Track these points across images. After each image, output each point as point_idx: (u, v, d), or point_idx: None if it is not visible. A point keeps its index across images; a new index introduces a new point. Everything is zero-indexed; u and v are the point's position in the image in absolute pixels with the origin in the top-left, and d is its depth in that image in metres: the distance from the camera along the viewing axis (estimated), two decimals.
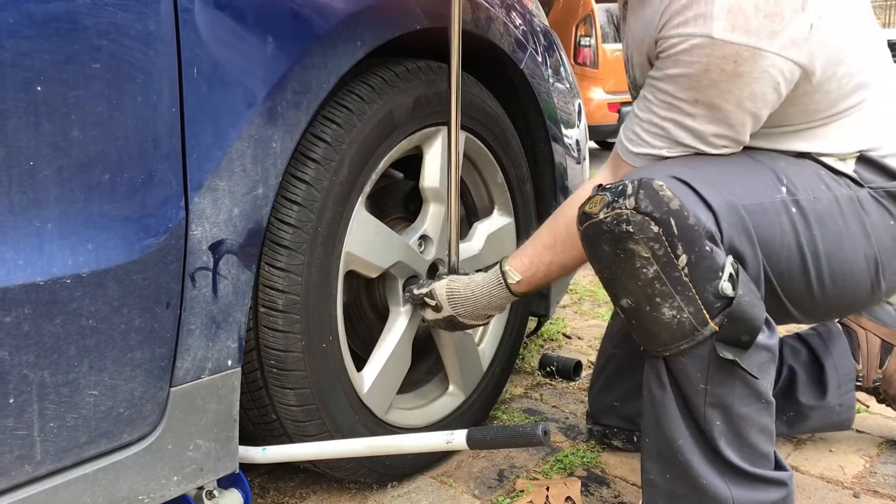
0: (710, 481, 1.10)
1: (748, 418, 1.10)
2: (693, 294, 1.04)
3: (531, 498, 1.37)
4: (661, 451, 1.14)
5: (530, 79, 1.60)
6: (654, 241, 1.03)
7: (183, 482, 1.04)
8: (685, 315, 1.05)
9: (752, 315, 1.05)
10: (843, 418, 1.52)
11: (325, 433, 1.24)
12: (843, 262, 1.17)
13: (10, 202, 0.81)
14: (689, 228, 1.03)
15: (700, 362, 1.07)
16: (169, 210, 0.94)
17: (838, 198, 1.18)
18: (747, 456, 1.11)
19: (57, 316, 0.85)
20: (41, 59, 0.81)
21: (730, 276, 1.04)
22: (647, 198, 1.04)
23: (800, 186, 1.16)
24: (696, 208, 1.05)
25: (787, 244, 1.13)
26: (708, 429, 1.10)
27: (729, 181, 1.12)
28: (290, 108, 1.07)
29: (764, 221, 1.11)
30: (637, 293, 1.07)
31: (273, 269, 1.13)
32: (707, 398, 1.08)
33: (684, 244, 1.03)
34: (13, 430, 0.84)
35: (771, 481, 1.13)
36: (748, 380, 1.08)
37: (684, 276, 1.04)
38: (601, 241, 1.07)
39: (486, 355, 1.63)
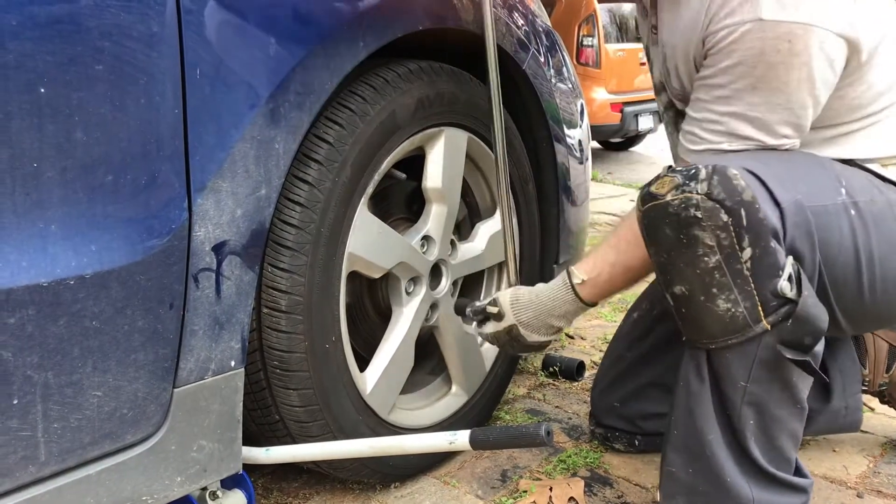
0: (733, 479, 1.10)
1: (781, 421, 1.10)
2: (752, 289, 1.02)
3: (534, 498, 1.37)
4: (689, 444, 1.13)
5: (533, 79, 1.60)
6: (721, 231, 1.01)
7: (186, 483, 1.04)
8: (740, 310, 1.03)
9: (816, 317, 1.04)
10: (849, 420, 1.51)
11: (328, 434, 1.24)
12: (894, 268, 1.16)
13: (13, 203, 0.81)
14: (758, 222, 1.01)
15: (745, 359, 1.05)
16: (172, 211, 0.94)
17: (891, 202, 1.17)
18: (773, 459, 1.11)
19: (60, 317, 0.86)
20: (44, 61, 0.82)
21: (789, 277, 1.03)
22: (720, 185, 1.02)
23: (857, 189, 1.15)
24: (765, 204, 1.03)
25: (845, 248, 1.12)
26: (740, 427, 1.09)
27: (797, 179, 1.10)
28: (293, 109, 1.07)
29: (825, 223, 1.10)
30: (694, 281, 1.04)
31: (276, 269, 1.13)
32: (745, 396, 1.07)
33: (751, 237, 1.01)
34: (17, 431, 0.85)
35: (793, 487, 1.13)
36: (790, 383, 1.08)
37: (746, 269, 1.02)
38: (664, 223, 1.05)
39: (488, 356, 1.63)
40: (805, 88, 1.12)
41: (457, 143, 1.44)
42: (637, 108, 7.04)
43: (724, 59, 1.13)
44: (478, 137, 1.50)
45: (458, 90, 1.41)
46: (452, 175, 1.44)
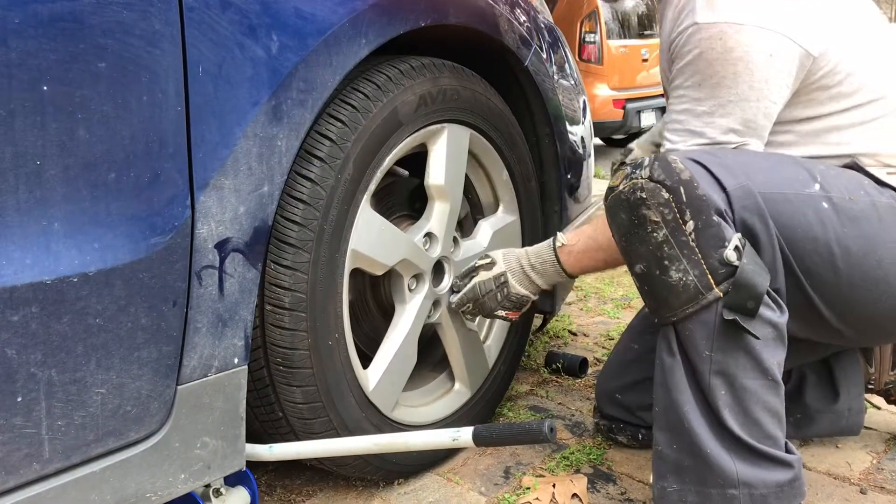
0: (714, 452, 1.12)
1: (753, 392, 1.12)
2: (699, 258, 1.10)
3: (537, 495, 1.37)
4: (669, 419, 1.16)
5: (535, 76, 1.60)
6: (664, 206, 1.10)
7: (190, 480, 1.04)
8: (690, 278, 1.10)
9: (756, 282, 1.09)
10: (851, 423, 1.51)
11: (331, 431, 1.24)
12: (875, 265, 1.18)
13: (17, 201, 0.81)
14: (697, 197, 1.09)
15: (706, 329, 1.11)
16: (175, 209, 0.95)
17: (876, 203, 1.20)
18: (753, 432, 1.12)
19: (64, 315, 0.86)
20: (47, 59, 0.82)
21: (735, 248, 1.09)
22: (660, 168, 1.12)
23: (835, 187, 1.19)
24: (707, 184, 1.11)
25: (813, 236, 1.15)
26: (713, 398, 1.12)
27: (751, 170, 1.15)
28: (296, 106, 1.07)
29: (786, 210, 1.14)
30: (648, 257, 1.13)
31: (279, 266, 1.14)
32: (712, 365, 1.12)
33: (692, 211, 1.09)
34: (22, 429, 0.85)
35: (777, 461, 1.14)
36: (753, 352, 1.11)
37: (691, 241, 1.10)
38: (620, 209, 1.15)
39: (491, 352, 1.63)
40: (744, 82, 1.20)
41: (459, 140, 1.44)
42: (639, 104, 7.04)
43: (679, 60, 1.25)
44: (480, 134, 1.50)
45: (460, 86, 1.41)
46: (455, 172, 1.44)
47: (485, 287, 1.43)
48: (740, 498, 1.12)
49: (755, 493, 1.12)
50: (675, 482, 1.16)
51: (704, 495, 1.13)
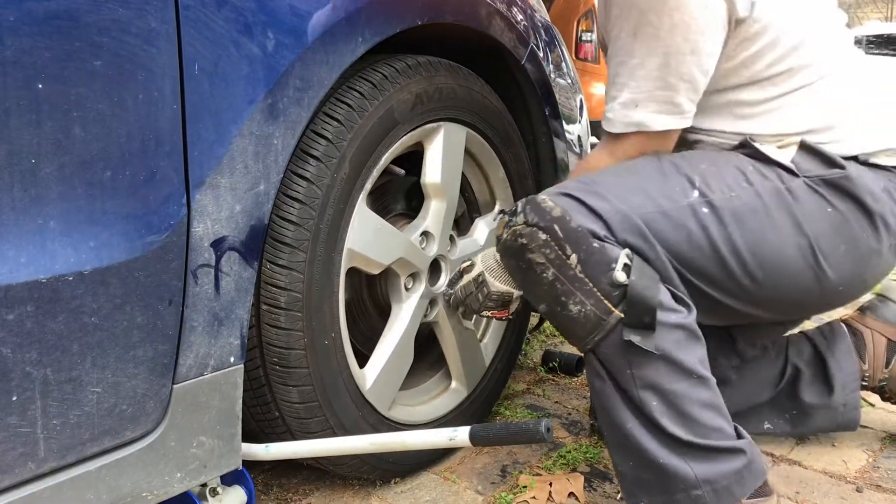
0: (667, 461, 1.13)
1: (684, 395, 1.13)
2: (590, 287, 1.12)
3: (534, 493, 1.37)
4: (618, 440, 1.17)
5: (531, 74, 1.60)
6: (544, 247, 1.13)
7: (186, 479, 1.04)
8: (588, 308, 1.12)
9: (646, 297, 1.10)
10: (847, 418, 1.51)
11: (327, 430, 1.24)
12: (771, 254, 1.20)
13: (12, 200, 0.81)
14: (572, 231, 1.12)
15: (618, 349, 1.13)
16: (171, 207, 0.94)
17: (760, 192, 1.21)
18: (697, 431, 1.13)
19: (59, 313, 0.86)
20: (42, 57, 0.81)
21: (624, 266, 1.11)
22: (532, 211, 1.15)
23: (715, 187, 1.20)
24: (583, 217, 1.13)
25: (698, 245, 1.17)
26: (647, 410, 1.13)
27: (625, 192, 1.17)
28: (292, 104, 1.07)
29: (666, 227, 1.16)
30: (546, 297, 1.16)
31: (275, 266, 1.13)
32: (636, 381, 1.13)
33: (571, 244, 1.12)
34: (17, 428, 0.84)
35: (728, 450, 1.15)
36: (668, 358, 1.12)
37: (578, 272, 1.12)
38: (509, 257, 1.19)
39: (488, 351, 1.63)
40: (679, 34, 1.18)
41: (455, 139, 1.44)
42: None
43: (613, 8, 1.23)
44: (476, 132, 1.50)
45: (456, 85, 1.41)
46: (451, 170, 1.43)
47: (466, 290, 1.42)
48: (705, 496, 1.13)
49: (718, 487, 1.13)
50: (644, 496, 1.17)
51: (674, 502, 1.14)
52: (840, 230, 1.23)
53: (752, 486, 1.15)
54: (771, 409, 1.53)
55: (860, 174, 1.23)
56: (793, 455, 1.54)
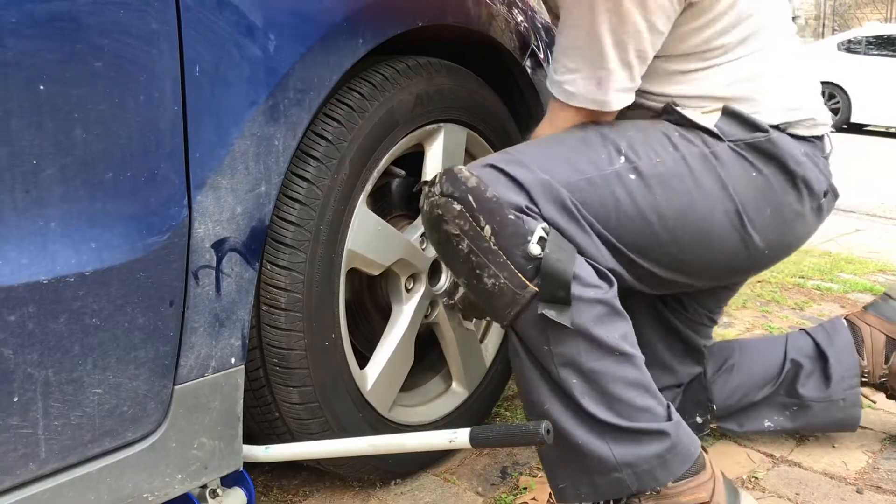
0: (585, 441, 1.11)
1: (605, 373, 1.11)
2: (504, 260, 1.09)
3: (534, 495, 1.37)
4: (536, 419, 1.14)
5: (532, 76, 1.60)
6: (458, 218, 1.11)
7: (187, 480, 1.04)
8: (502, 281, 1.10)
9: (559, 269, 1.08)
10: (847, 415, 1.50)
11: (328, 431, 1.24)
12: (698, 219, 1.20)
13: (13, 201, 0.81)
14: (487, 201, 1.10)
15: (536, 325, 1.10)
16: (172, 208, 0.94)
17: (686, 157, 1.20)
18: (621, 411, 1.11)
19: (61, 314, 0.86)
20: (43, 59, 0.81)
21: (539, 239, 1.08)
22: (447, 181, 1.13)
23: (642, 153, 1.19)
24: (503, 186, 1.11)
25: (625, 212, 1.16)
26: (567, 389, 1.11)
27: (549, 162, 1.15)
28: (293, 105, 1.07)
29: (592, 195, 1.15)
30: (462, 270, 1.14)
31: (275, 266, 1.13)
32: (554, 358, 1.11)
33: (485, 215, 1.09)
34: (18, 429, 0.85)
35: (651, 432, 1.12)
36: (587, 334, 1.09)
37: (492, 244, 1.10)
38: (429, 230, 1.17)
39: (488, 352, 1.63)
40: (639, 13, 1.15)
41: (456, 140, 1.44)
42: None
43: None
44: (477, 133, 1.50)
45: (456, 86, 1.41)
46: None
47: (465, 301, 1.41)
48: (625, 479, 1.11)
49: (639, 471, 1.11)
50: (565, 477, 1.16)
51: (593, 485, 1.13)
52: (765, 194, 1.23)
53: (679, 470, 1.13)
54: (770, 406, 1.53)
55: (782, 139, 1.24)
56: (793, 456, 1.54)
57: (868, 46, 11.09)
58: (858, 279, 2.90)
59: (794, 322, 2.36)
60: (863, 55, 11.00)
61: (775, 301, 2.59)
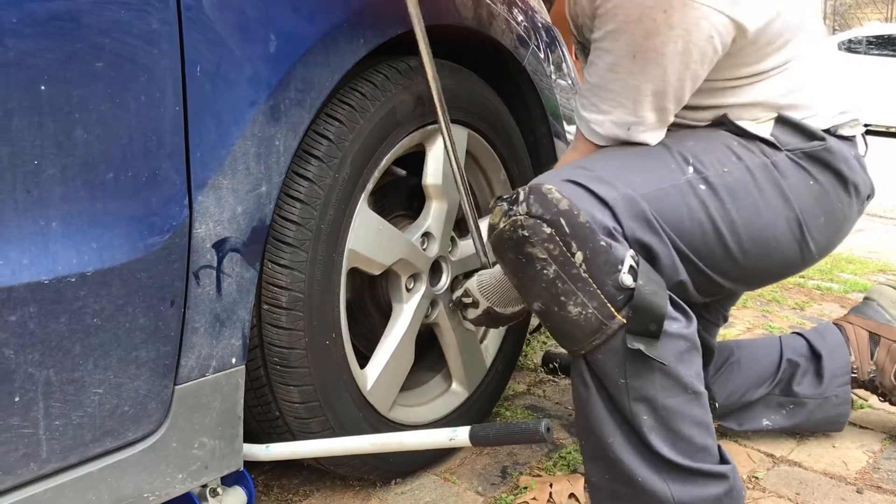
0: (645, 479, 1.09)
1: (677, 411, 1.09)
2: (594, 289, 1.06)
3: (534, 494, 1.38)
4: (596, 452, 1.14)
5: (532, 75, 1.60)
6: (548, 242, 1.06)
7: (188, 480, 1.04)
8: (590, 310, 1.06)
9: (654, 303, 1.05)
10: (839, 411, 1.54)
11: (328, 430, 1.24)
12: (763, 229, 1.20)
13: (14, 201, 0.81)
14: (580, 226, 1.05)
15: (615, 357, 1.07)
16: (173, 208, 0.94)
17: (750, 167, 1.20)
18: (683, 450, 1.10)
19: (62, 314, 0.86)
20: (44, 59, 0.82)
21: (630, 269, 1.05)
22: (536, 202, 1.07)
23: (708, 163, 1.18)
24: (591, 206, 1.07)
25: (699, 221, 1.15)
26: (636, 424, 1.09)
27: (626, 174, 1.13)
28: (294, 105, 1.07)
29: (668, 205, 1.13)
30: (543, 295, 1.09)
31: (276, 266, 1.13)
32: (629, 392, 1.08)
33: (577, 241, 1.05)
34: (19, 429, 0.85)
35: (711, 475, 1.11)
36: (667, 370, 1.08)
37: (583, 272, 1.06)
38: (505, 249, 1.11)
39: (488, 352, 1.63)
40: (680, 61, 1.12)
41: (457, 140, 1.44)
42: None
43: (609, 22, 1.14)
44: (478, 133, 1.50)
45: (457, 86, 1.41)
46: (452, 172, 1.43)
47: (482, 322, 1.41)
48: None
49: None
50: None
51: None
52: (821, 201, 1.24)
53: None
54: (768, 405, 1.56)
55: (835, 144, 1.24)
56: (793, 456, 1.54)
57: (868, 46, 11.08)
58: (859, 279, 2.91)
59: (795, 322, 2.36)
60: (863, 55, 11.00)
61: (776, 301, 2.59)
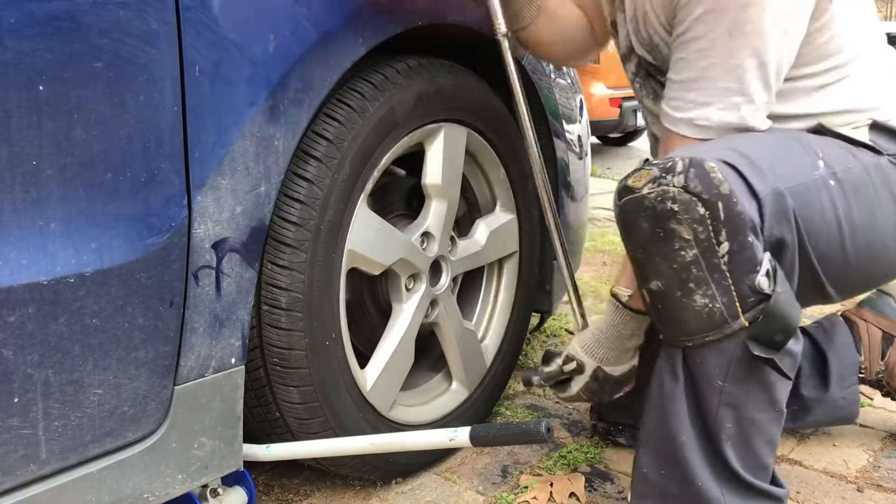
0: (704, 484, 1.07)
1: (759, 426, 1.07)
2: (729, 284, 1.00)
3: (535, 494, 1.37)
4: (661, 445, 1.11)
5: (532, 74, 1.60)
6: (698, 224, 0.99)
7: (188, 480, 1.04)
8: (718, 305, 1.01)
9: (789, 314, 1.01)
10: (846, 413, 1.51)
11: (328, 430, 1.24)
12: (875, 232, 1.16)
13: (13, 201, 0.81)
14: (736, 216, 1.00)
15: (722, 358, 1.03)
16: (172, 209, 0.94)
17: (867, 166, 1.16)
18: (749, 465, 1.09)
19: (61, 315, 0.86)
20: (43, 59, 0.81)
21: (767, 272, 1.01)
22: (697, 177, 1.00)
23: (833, 158, 1.14)
24: (743, 196, 1.02)
25: (828, 221, 1.11)
26: (716, 430, 1.06)
27: (774, 162, 1.08)
28: (292, 105, 1.07)
29: (806, 201, 1.08)
30: (670, 276, 1.02)
31: (276, 266, 1.13)
32: (722, 397, 1.05)
33: (729, 231, 0.99)
34: (19, 430, 0.85)
35: (768, 496, 1.10)
36: (768, 385, 1.05)
37: (723, 264, 1.00)
38: (641, 217, 1.03)
39: (489, 352, 1.63)
40: (780, 27, 1.09)
41: (456, 139, 1.44)
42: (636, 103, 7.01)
43: (696, 7, 1.10)
44: (477, 133, 1.50)
45: (456, 86, 1.41)
46: (452, 171, 1.43)
47: (590, 391, 1.31)
48: None
49: None
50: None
51: None
52: None
53: None
54: None
55: None
56: (793, 455, 1.54)
57: None
58: None
59: None
60: None
61: None
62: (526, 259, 1.68)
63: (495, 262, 1.66)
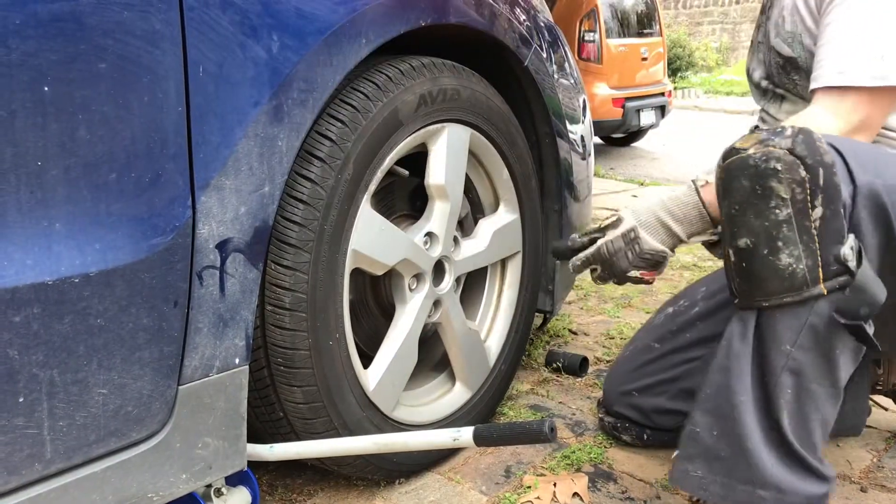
0: (755, 448, 1.08)
1: (817, 399, 1.08)
2: (816, 248, 1.04)
3: (538, 494, 1.38)
4: (718, 404, 1.11)
5: (535, 74, 1.60)
6: (797, 185, 1.03)
7: (192, 480, 1.04)
8: (802, 266, 1.04)
9: (874, 289, 1.04)
10: (853, 423, 1.48)
11: (332, 430, 1.25)
12: None
13: (18, 202, 0.81)
14: (833, 185, 1.03)
15: (796, 322, 1.06)
16: (176, 209, 0.95)
17: None
18: (802, 438, 1.09)
19: (65, 315, 0.86)
20: (47, 60, 0.82)
21: (851, 247, 1.04)
22: (804, 143, 1.04)
23: None
24: (843, 175, 1.05)
25: None
26: (776, 394, 1.08)
27: (878, 164, 1.10)
28: (296, 106, 1.07)
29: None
30: (760, 233, 1.06)
31: (279, 267, 1.14)
32: (788, 362, 1.07)
33: (824, 198, 1.03)
34: (23, 429, 0.85)
35: (816, 473, 1.10)
36: (834, 358, 1.07)
37: (814, 228, 1.04)
38: (742, 174, 1.07)
39: (492, 352, 1.63)
40: None
41: (459, 140, 1.44)
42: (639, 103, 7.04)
43: None
44: (480, 133, 1.50)
45: (460, 86, 1.41)
46: (455, 171, 1.44)
47: (612, 246, 1.31)
48: (767, 499, 1.08)
49: (783, 500, 1.08)
50: (701, 468, 1.12)
51: (730, 488, 1.10)
52: None
53: None
54: None
55: None
56: None
57: None
58: None
59: None
60: None
61: None
62: (529, 259, 1.68)
63: (498, 263, 1.66)
